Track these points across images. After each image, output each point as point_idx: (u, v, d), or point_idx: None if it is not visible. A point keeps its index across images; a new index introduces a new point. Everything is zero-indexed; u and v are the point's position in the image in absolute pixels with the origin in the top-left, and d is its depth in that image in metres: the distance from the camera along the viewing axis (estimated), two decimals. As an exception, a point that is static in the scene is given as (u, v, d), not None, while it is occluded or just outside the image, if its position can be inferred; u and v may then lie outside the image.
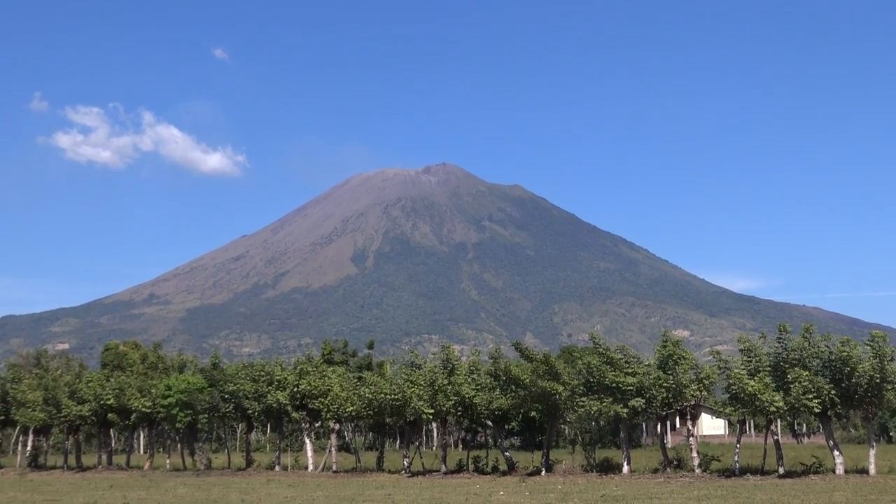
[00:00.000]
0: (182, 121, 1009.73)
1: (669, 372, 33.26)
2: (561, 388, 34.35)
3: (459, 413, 37.16)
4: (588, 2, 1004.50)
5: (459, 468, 37.95)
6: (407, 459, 38.79)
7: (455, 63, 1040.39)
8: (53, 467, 49.24)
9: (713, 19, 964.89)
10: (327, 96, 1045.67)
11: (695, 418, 35.44)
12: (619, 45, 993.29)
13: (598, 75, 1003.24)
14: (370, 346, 57.16)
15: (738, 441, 34.88)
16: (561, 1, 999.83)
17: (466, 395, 35.85)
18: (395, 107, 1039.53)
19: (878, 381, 30.14)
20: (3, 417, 50.74)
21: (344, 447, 50.21)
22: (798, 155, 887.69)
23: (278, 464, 42.39)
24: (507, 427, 42.11)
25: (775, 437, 32.99)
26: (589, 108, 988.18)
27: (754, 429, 66.19)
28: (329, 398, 39.81)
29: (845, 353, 30.59)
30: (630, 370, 33.57)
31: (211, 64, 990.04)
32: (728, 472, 32.22)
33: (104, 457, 48.70)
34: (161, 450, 55.91)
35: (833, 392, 30.59)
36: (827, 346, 31.39)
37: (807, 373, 30.59)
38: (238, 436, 65.94)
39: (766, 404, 30.62)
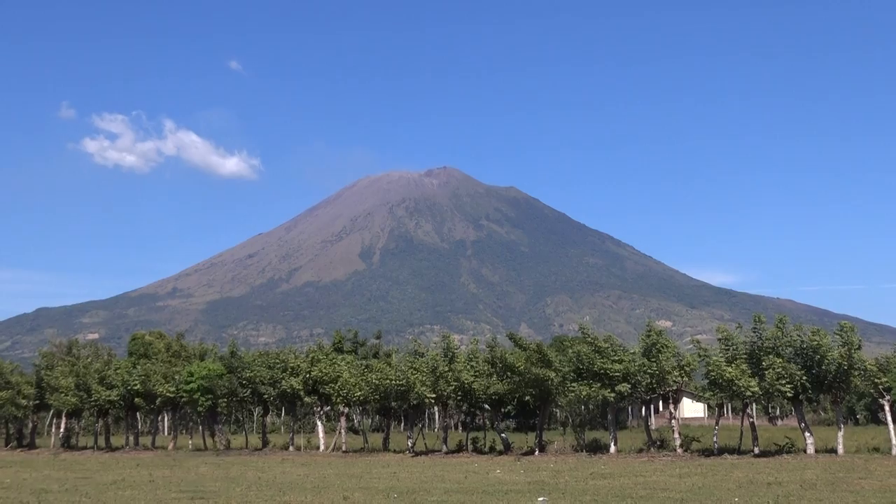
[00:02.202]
0: (201, 127, 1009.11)
1: (653, 359, 33.29)
2: (553, 375, 34.36)
3: (459, 397, 37.17)
4: (577, 18, 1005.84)
5: (459, 448, 37.96)
6: (411, 440, 38.80)
7: (454, 73, 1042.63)
8: (84, 448, 49.29)
9: (693, 30, 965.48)
10: (335, 104, 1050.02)
11: (676, 402, 35.44)
12: (604, 58, 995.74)
13: (588, 85, 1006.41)
14: (378, 336, 57.10)
15: (717, 423, 34.90)
16: (553, 17, 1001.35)
17: (465, 381, 35.87)
18: (399, 114, 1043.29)
19: (846, 367, 30.17)
20: (37, 402, 50.78)
21: (352, 429, 50.25)
22: (772, 158, 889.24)
23: (292, 444, 42.41)
24: (503, 410, 42.07)
25: (751, 420, 33.01)
26: (579, 114, 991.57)
27: (731, 412, 66.14)
28: (339, 384, 39.84)
29: (816, 342, 30.61)
30: (617, 358, 33.58)
31: (226, 74, 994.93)
32: (707, 452, 32.23)
33: (131, 438, 48.72)
34: (184, 431, 55.90)
35: (804, 378, 30.61)
36: (799, 336, 31.40)
37: (780, 360, 30.60)
38: (255, 419, 65.92)
39: (743, 389, 30.65)
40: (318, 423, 42.66)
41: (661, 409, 65.77)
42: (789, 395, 30.89)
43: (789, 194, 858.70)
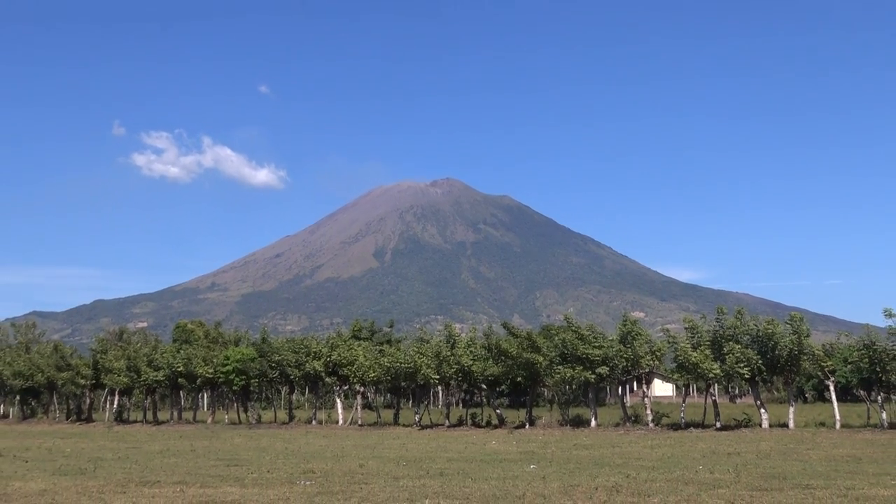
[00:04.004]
0: (235, 143, 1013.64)
1: (628, 346, 33.27)
2: (541, 359, 34.36)
3: (460, 378, 37.17)
4: (566, 47, 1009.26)
5: (460, 422, 37.95)
6: (418, 415, 38.81)
7: (456, 97, 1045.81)
8: (134, 421, 49.33)
9: (666, 52, 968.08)
10: (352, 123, 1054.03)
11: (649, 382, 35.46)
12: (588, 82, 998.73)
13: (574, 106, 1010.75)
14: (390, 326, 57.04)
15: (684, 401, 34.88)
16: (543, 46, 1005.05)
17: (465, 364, 35.87)
18: (408, 131, 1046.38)
19: (796, 353, 30.16)
20: (94, 381, 50.85)
21: (367, 406, 50.21)
22: (734, 170, 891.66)
23: (314, 419, 42.42)
24: (498, 389, 42.02)
25: (713, 398, 32.99)
26: (565, 132, 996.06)
27: (696, 391, 66.00)
28: (355, 366, 39.83)
29: (770, 331, 30.60)
30: (597, 344, 33.58)
31: (257, 97, 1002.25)
32: (675, 426, 32.20)
33: (175, 413, 48.77)
34: (220, 408, 55.88)
35: (760, 362, 30.59)
36: (755, 325, 31.39)
37: (739, 346, 30.59)
38: (282, 396, 65.86)
39: (706, 371, 30.63)
40: (338, 401, 42.67)
41: (635, 388, 65.69)
42: (747, 376, 30.88)
43: (748, 202, 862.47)
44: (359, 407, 41.41)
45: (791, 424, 30.20)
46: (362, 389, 42.32)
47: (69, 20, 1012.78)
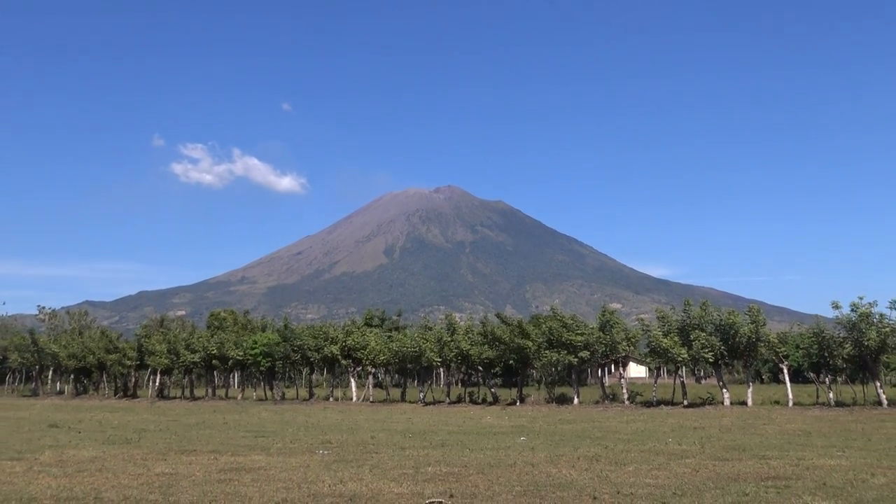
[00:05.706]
0: (261, 154, 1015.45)
1: (607, 333, 33.26)
2: (530, 344, 34.34)
3: (459, 361, 37.16)
4: (556, 76, 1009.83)
5: (459, 400, 37.92)
6: (422, 393, 38.79)
7: (456, 114, 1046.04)
8: (174, 398, 49.32)
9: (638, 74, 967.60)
10: (364, 136, 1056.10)
11: (625, 365, 35.44)
12: (576, 102, 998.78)
13: (562, 124, 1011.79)
14: (398, 315, 56.99)
15: (655, 382, 34.84)
16: (533, 77, 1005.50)
17: (464, 349, 35.86)
18: (415, 144, 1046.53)
19: (754, 340, 30.15)
20: (138, 362, 50.84)
21: (378, 385, 50.23)
22: (700, 182, 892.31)
23: (332, 396, 42.41)
24: (492, 371, 41.96)
25: (681, 379, 32.98)
26: (553, 144, 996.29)
27: (667, 373, 65.72)
28: (367, 350, 39.83)
29: (731, 320, 30.57)
30: (579, 331, 33.56)
31: (280, 114, 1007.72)
32: (648, 403, 32.18)
33: (209, 390, 48.73)
34: (249, 386, 55.89)
35: (722, 347, 30.58)
36: (718, 315, 31.36)
37: (704, 334, 30.56)
38: (303, 376, 65.78)
39: (675, 356, 30.62)
40: (352, 380, 42.65)
41: (612, 370, 65.56)
42: (711, 360, 30.86)
43: (714, 207, 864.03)
44: (370, 386, 41.41)
45: (749, 403, 30.19)
46: (373, 370, 42.32)
47: (118, 52, 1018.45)
